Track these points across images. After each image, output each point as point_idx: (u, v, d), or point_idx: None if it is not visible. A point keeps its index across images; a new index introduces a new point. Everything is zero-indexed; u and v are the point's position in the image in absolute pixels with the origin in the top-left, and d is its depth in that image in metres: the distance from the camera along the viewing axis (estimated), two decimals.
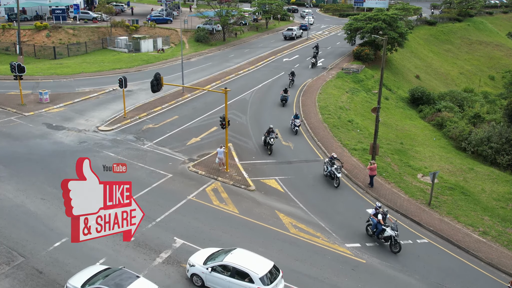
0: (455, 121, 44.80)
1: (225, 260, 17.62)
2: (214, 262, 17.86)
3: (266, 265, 17.45)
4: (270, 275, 17.11)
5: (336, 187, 27.34)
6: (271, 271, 17.28)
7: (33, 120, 35.01)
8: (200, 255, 18.72)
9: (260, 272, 16.94)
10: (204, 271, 17.76)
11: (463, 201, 27.60)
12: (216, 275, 17.52)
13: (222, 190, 26.29)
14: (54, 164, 27.81)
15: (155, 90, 28.13)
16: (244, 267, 17.12)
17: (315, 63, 55.91)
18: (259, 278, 16.75)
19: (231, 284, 17.24)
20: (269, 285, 16.80)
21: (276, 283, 17.08)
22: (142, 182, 26.26)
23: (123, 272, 16.95)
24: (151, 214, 23.03)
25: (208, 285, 17.92)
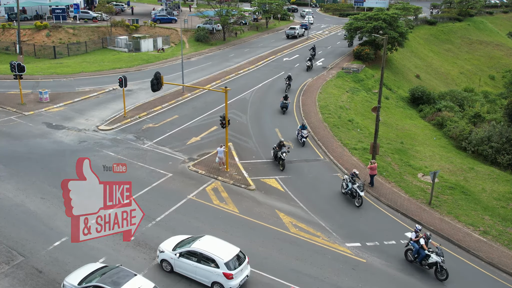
0: (456, 121, 44.75)
1: (193, 246, 18.31)
2: (182, 248, 18.51)
3: (232, 251, 18.15)
4: (235, 261, 17.85)
5: (358, 206, 25.18)
6: (236, 257, 18.00)
7: (33, 119, 34.98)
8: (170, 242, 19.29)
9: (225, 257, 17.68)
10: (172, 257, 18.41)
11: (463, 200, 27.56)
12: (184, 260, 18.17)
13: (222, 189, 26.26)
14: (54, 164, 27.77)
15: (155, 89, 28.10)
16: (210, 253, 17.82)
17: (311, 66, 54.05)
18: (224, 263, 17.52)
19: (197, 269, 17.96)
20: (234, 270, 17.57)
21: (241, 268, 17.89)
22: (142, 182, 26.22)
23: (120, 270, 16.93)
24: (151, 213, 23.00)
25: (177, 270, 18.57)
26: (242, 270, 18.02)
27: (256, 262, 19.95)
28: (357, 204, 25.37)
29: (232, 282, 17.54)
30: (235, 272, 17.57)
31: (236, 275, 17.64)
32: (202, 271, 17.91)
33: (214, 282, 17.77)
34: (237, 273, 17.72)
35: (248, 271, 18.45)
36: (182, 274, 18.56)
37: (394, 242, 22.56)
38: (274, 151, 29.52)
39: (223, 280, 17.53)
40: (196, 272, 18.09)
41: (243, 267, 18.03)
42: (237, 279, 17.71)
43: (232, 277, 17.49)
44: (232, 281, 17.52)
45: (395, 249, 22.08)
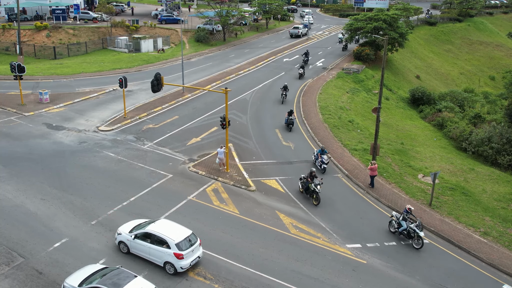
0: (456, 121, 44.74)
1: (147, 229, 19.21)
2: (138, 230, 19.44)
3: (183, 233, 19.03)
4: (186, 242, 18.73)
5: (418, 248, 22.16)
6: (187, 239, 18.88)
7: (33, 120, 34.95)
8: (128, 225, 20.22)
9: (176, 238, 18.59)
10: (129, 239, 19.40)
11: (464, 201, 27.53)
12: (139, 242, 19.13)
13: (222, 190, 26.23)
14: (54, 164, 27.73)
15: (155, 90, 28.09)
16: (163, 235, 18.73)
17: (303, 74, 50.43)
18: (175, 244, 18.41)
19: (151, 250, 18.90)
20: (184, 250, 18.43)
21: (192, 249, 18.78)
22: (142, 182, 26.19)
23: (121, 271, 16.91)
24: (151, 214, 22.97)
25: (133, 251, 19.51)
26: (193, 251, 18.86)
27: (256, 263, 19.94)
28: (416, 246, 22.14)
29: (183, 262, 18.44)
30: (185, 253, 18.39)
31: (186, 256, 18.48)
32: (155, 252, 18.79)
33: (166, 262, 18.64)
34: (187, 254, 18.53)
35: (199, 252, 19.31)
36: (138, 255, 19.42)
37: (394, 243, 22.54)
38: (303, 182, 25.96)
39: (174, 260, 18.39)
40: (150, 253, 18.98)
41: (194, 248, 18.84)
42: (188, 260, 18.58)
43: (183, 257, 18.36)
44: (182, 261, 18.41)
45: (396, 250, 22.06)
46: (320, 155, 29.45)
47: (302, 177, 26.41)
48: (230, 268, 19.55)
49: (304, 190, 25.57)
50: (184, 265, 18.53)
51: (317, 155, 29.68)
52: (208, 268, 19.40)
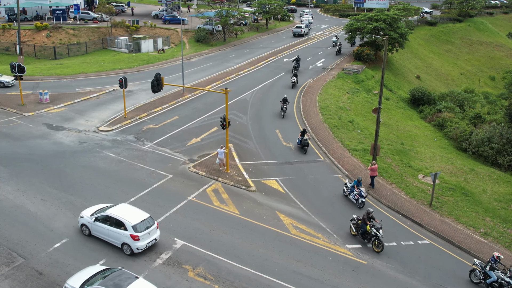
0: (456, 122, 44.73)
1: (107, 212, 20.31)
2: (98, 214, 20.61)
3: (140, 216, 20.08)
4: (142, 225, 19.72)
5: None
6: (144, 221, 19.88)
7: (33, 120, 34.94)
8: (90, 209, 21.40)
9: (133, 221, 19.63)
10: (90, 222, 20.54)
11: (464, 202, 27.52)
12: (99, 224, 20.24)
13: (222, 190, 26.21)
14: (54, 165, 27.72)
15: (155, 91, 28.07)
16: (120, 217, 19.80)
17: (296, 82, 47.02)
18: (131, 226, 19.46)
19: (109, 232, 19.99)
20: (140, 232, 19.42)
21: (148, 232, 19.77)
22: (143, 183, 26.18)
23: (122, 272, 16.91)
24: (152, 215, 22.84)
25: (94, 234, 20.63)
26: (150, 234, 19.85)
27: (257, 264, 19.93)
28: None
29: (138, 244, 19.46)
30: (141, 235, 19.39)
31: (142, 237, 19.48)
32: (114, 234, 19.86)
33: (123, 243, 19.69)
34: (143, 236, 19.53)
35: (156, 235, 20.29)
36: (98, 237, 20.47)
37: (395, 244, 22.52)
38: (357, 223, 22.60)
39: (130, 241, 19.44)
40: (109, 234, 20.06)
41: (150, 231, 19.83)
42: (143, 241, 19.57)
43: (138, 239, 19.38)
44: (138, 242, 19.44)
45: (396, 250, 22.04)
46: (356, 187, 25.48)
47: (355, 218, 22.61)
48: (231, 268, 19.54)
49: (361, 234, 22.18)
50: (140, 246, 19.50)
51: (353, 187, 25.61)
52: (208, 268, 19.39)
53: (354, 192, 25.59)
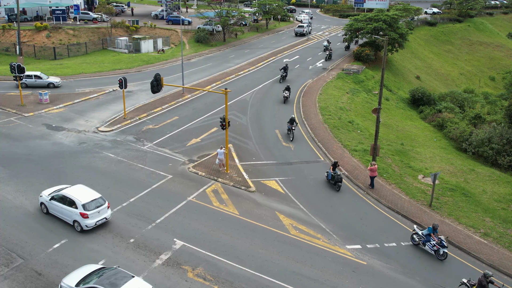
0: (456, 122, 44.72)
1: (62, 192, 21.94)
2: (55, 193, 22.26)
3: (91, 196, 21.63)
4: (92, 204, 21.24)
5: None
6: (94, 201, 21.40)
7: (33, 120, 34.92)
8: (49, 190, 22.98)
9: (83, 200, 21.19)
10: (47, 200, 22.22)
11: (464, 202, 27.50)
12: (55, 203, 21.89)
13: (222, 191, 26.19)
14: (54, 165, 27.69)
15: (155, 91, 28.03)
16: (72, 196, 21.41)
17: (288, 97, 42.26)
18: (81, 204, 21.03)
19: (63, 210, 21.61)
20: (90, 211, 20.99)
21: (98, 211, 21.27)
22: (142, 183, 26.15)
23: (118, 271, 16.92)
24: (151, 215, 22.96)
25: (50, 211, 22.25)
26: (99, 213, 21.34)
27: (256, 264, 19.90)
28: None
29: (87, 221, 20.97)
30: (90, 213, 20.94)
31: (91, 216, 21.01)
32: (66, 211, 21.44)
33: (74, 220, 21.25)
34: (92, 214, 21.06)
35: (107, 214, 21.72)
36: (54, 214, 22.06)
37: (394, 244, 22.50)
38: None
39: (80, 219, 20.97)
40: (63, 212, 21.64)
41: (100, 210, 21.33)
42: (93, 219, 21.08)
43: (87, 217, 20.91)
44: (87, 220, 20.95)
45: (396, 251, 22.02)
46: (433, 234, 21.86)
47: (466, 282, 19.26)
48: (230, 269, 19.51)
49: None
50: (89, 224, 21.03)
51: (428, 236, 21.91)
52: (208, 269, 19.36)
53: (432, 242, 21.72)
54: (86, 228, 21.05)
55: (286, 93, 42.20)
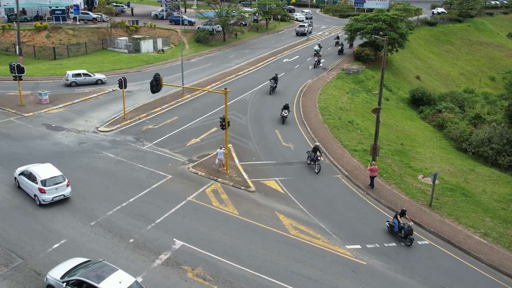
0: (456, 122, 44.69)
1: (29, 168, 24.07)
2: (24, 170, 24.34)
3: (52, 173, 23.48)
4: (51, 181, 23.05)
5: None
6: (53, 178, 23.21)
7: (33, 120, 34.89)
8: (23, 167, 24.71)
9: (43, 176, 23.10)
10: (16, 177, 24.56)
11: (464, 202, 27.47)
12: (23, 177, 23.99)
13: (222, 191, 26.16)
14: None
15: (154, 91, 27.97)
16: (35, 173, 23.37)
17: (286, 116, 37.19)
18: (40, 180, 22.98)
19: (27, 184, 23.66)
20: (47, 187, 22.81)
21: (56, 187, 23.11)
22: (142, 183, 26.12)
23: (103, 264, 17.28)
24: (151, 215, 22.93)
25: (21, 186, 24.35)
26: (57, 190, 23.16)
27: (256, 264, 19.88)
28: None
29: (45, 196, 22.82)
30: (47, 189, 22.78)
31: (49, 191, 22.87)
32: (30, 186, 23.44)
33: (35, 194, 23.22)
34: (50, 190, 22.91)
35: (65, 192, 23.48)
36: (23, 189, 24.09)
37: (394, 244, 22.47)
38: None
39: (38, 193, 22.89)
40: (27, 187, 23.68)
41: (58, 187, 23.11)
42: (50, 195, 22.90)
43: (45, 192, 22.77)
44: (44, 195, 22.81)
45: (396, 251, 21.99)
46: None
47: None
48: (230, 269, 19.49)
49: None
50: (46, 199, 22.85)
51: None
52: (207, 269, 19.34)
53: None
54: (44, 203, 22.87)
55: (285, 113, 37.19)
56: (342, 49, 64.53)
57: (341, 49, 64.42)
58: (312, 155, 29.61)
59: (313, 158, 29.49)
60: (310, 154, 29.81)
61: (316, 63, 56.71)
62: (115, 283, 16.23)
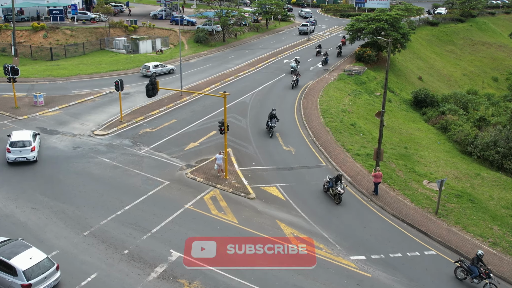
0: (460, 124, 43.78)
1: None
2: None
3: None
4: None
5: None
6: None
7: (27, 124, 33.95)
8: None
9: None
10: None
11: (471, 209, 26.58)
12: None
13: (220, 198, 25.27)
14: (47, 171, 26.79)
15: (150, 95, 26.90)
16: None
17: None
18: None
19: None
20: None
21: None
22: (138, 190, 25.23)
23: (19, 243, 18.19)
24: (147, 224, 22.05)
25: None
26: None
27: (256, 277, 18.99)
28: None
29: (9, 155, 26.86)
30: None
31: None
32: None
33: None
34: None
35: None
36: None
37: (400, 255, 21.59)
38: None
39: None
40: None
41: None
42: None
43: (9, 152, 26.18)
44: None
45: (402, 262, 21.11)
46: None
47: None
48: (229, 282, 18.62)
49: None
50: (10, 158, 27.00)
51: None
52: (205, 283, 18.46)
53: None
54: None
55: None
56: (327, 60, 56.28)
57: (325, 60, 56.10)
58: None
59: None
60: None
61: (294, 84, 46.16)
62: (26, 259, 17.21)
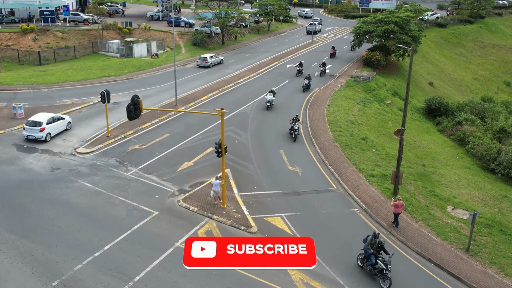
0: (479, 137, 40.24)
1: None
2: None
3: None
4: None
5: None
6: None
7: (2, 140, 30.49)
8: None
9: None
10: None
11: (505, 243, 23.08)
12: None
13: (217, 232, 21.80)
14: (18, 200, 23.31)
15: (132, 117, 22.44)
16: None
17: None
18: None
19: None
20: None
21: None
22: (121, 223, 21.77)
23: None
24: (129, 270, 18.57)
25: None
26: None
27: None
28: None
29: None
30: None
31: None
32: None
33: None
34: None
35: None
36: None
37: None
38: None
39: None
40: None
41: None
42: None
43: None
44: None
45: None
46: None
47: None
48: None
49: None
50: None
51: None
52: None
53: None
54: None
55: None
56: (309, 85, 44.98)
57: (307, 84, 44.76)
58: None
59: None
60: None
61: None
62: None
